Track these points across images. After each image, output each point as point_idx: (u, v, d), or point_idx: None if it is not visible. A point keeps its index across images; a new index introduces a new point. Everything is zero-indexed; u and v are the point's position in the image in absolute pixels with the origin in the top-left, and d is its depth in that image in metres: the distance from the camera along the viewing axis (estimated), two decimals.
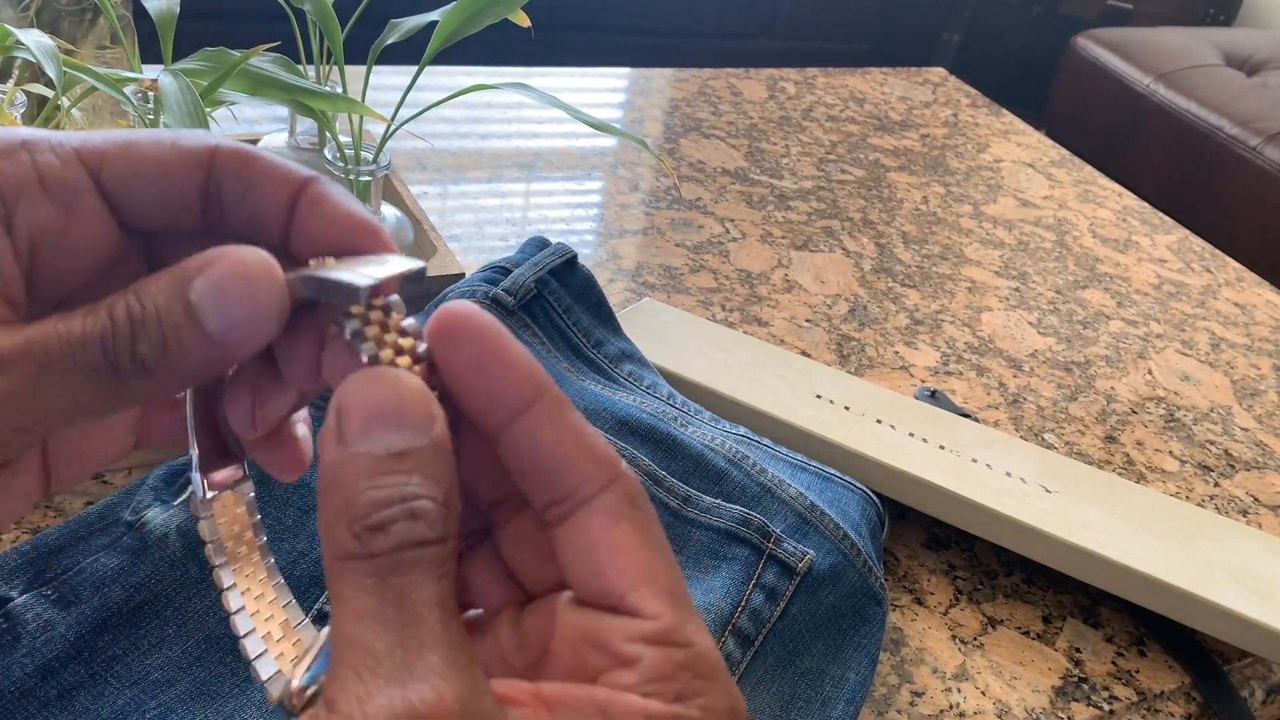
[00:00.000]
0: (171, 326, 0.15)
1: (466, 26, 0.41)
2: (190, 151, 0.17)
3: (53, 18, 0.45)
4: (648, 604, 0.15)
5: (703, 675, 0.15)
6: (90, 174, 0.17)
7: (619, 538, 0.16)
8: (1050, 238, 0.71)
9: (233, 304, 0.15)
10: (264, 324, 0.15)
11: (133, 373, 0.15)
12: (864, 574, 0.36)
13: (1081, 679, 0.39)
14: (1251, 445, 0.54)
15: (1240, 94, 1.56)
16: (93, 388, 0.15)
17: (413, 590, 0.14)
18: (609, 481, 0.16)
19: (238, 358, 0.16)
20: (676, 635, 0.15)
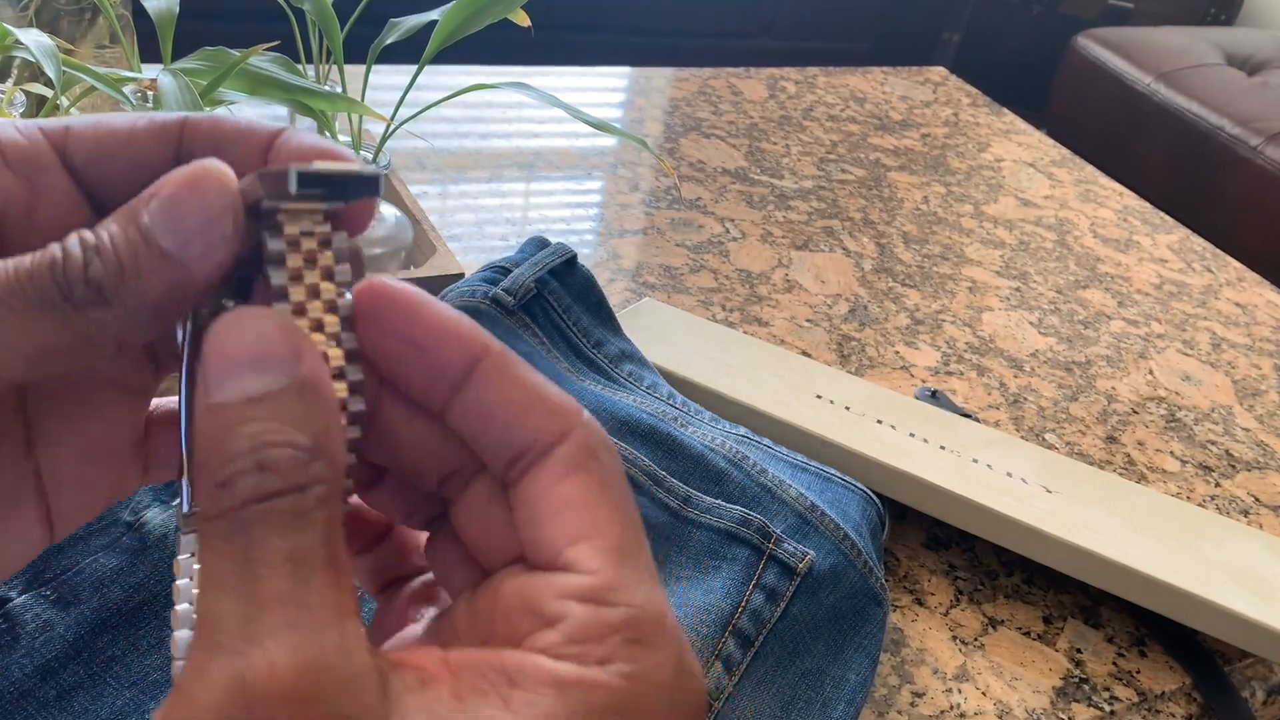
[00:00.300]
0: (125, 247, 0.14)
1: (466, 26, 0.41)
2: (160, 122, 0.16)
3: (52, 17, 0.45)
4: (586, 559, 0.14)
5: (638, 640, 0.13)
6: (55, 149, 0.16)
7: (567, 491, 0.14)
8: (1051, 237, 0.70)
9: (185, 215, 0.14)
10: (219, 227, 0.14)
11: (88, 300, 0.14)
12: (864, 574, 0.36)
13: (1082, 679, 0.39)
14: (1253, 445, 0.54)
15: (1241, 94, 1.56)
16: (47, 322, 0.14)
17: (256, 548, 0.13)
18: (564, 433, 0.15)
19: (199, 276, 0.15)
20: (611, 593, 0.14)
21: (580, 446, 0.15)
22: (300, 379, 0.14)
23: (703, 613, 0.33)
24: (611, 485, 0.15)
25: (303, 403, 0.13)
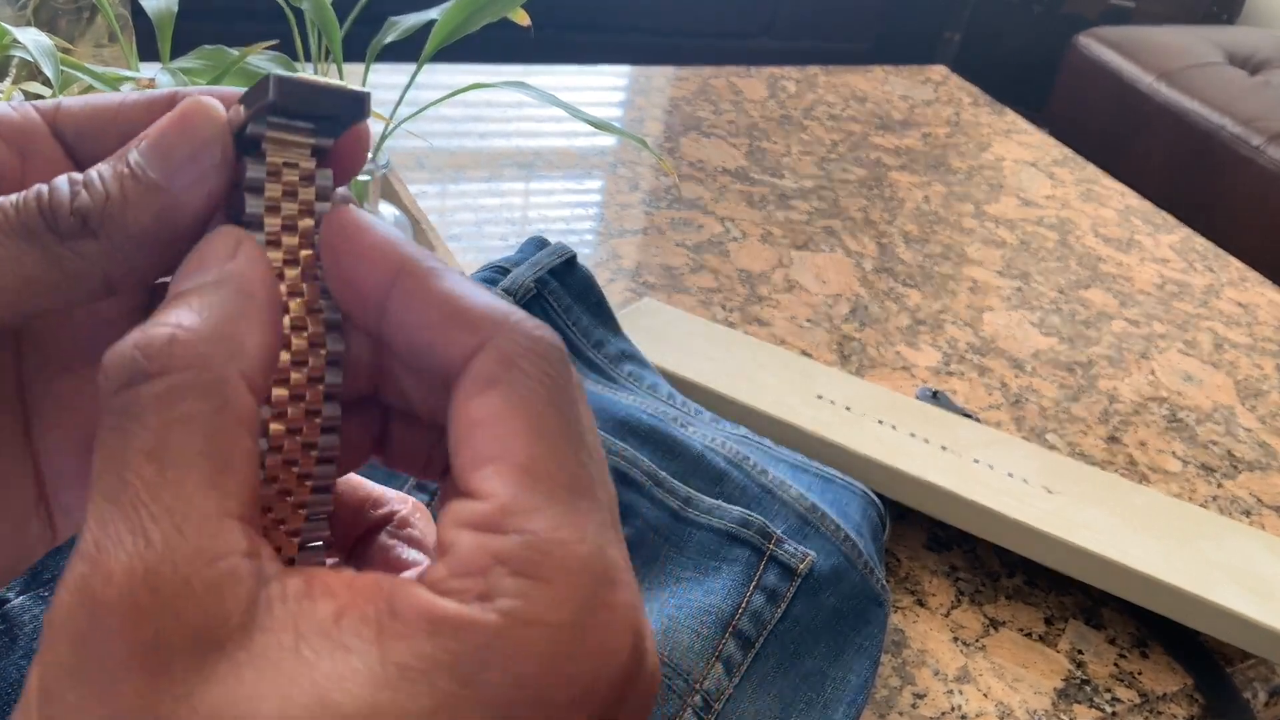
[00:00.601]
0: (113, 179, 0.14)
1: (465, 25, 0.41)
2: (151, 96, 0.16)
3: (50, 16, 0.45)
4: (486, 483, 0.12)
5: (526, 572, 0.11)
6: (47, 123, 0.16)
7: (475, 410, 0.13)
8: (1052, 237, 0.70)
9: (173, 143, 0.14)
10: (207, 155, 0.14)
11: (74, 231, 0.14)
12: (865, 575, 0.36)
13: (1084, 681, 0.39)
14: (1254, 446, 0.54)
15: (1242, 93, 1.55)
16: (32, 254, 0.13)
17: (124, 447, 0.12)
18: (479, 346, 0.13)
19: (188, 206, 0.14)
20: (505, 519, 0.12)
21: (495, 358, 0.13)
22: (222, 274, 0.13)
23: (703, 613, 0.32)
24: (531, 397, 0.13)
25: (214, 293, 0.13)
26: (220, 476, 0.12)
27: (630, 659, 0.12)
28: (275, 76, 0.14)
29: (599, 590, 0.12)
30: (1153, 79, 1.61)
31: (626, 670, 0.12)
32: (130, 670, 0.11)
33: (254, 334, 0.13)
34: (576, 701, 0.11)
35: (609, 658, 0.11)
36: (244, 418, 0.12)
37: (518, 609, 0.11)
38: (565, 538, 0.12)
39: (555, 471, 0.12)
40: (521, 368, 0.13)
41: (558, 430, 0.13)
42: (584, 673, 0.11)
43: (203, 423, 0.12)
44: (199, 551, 0.11)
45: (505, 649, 0.11)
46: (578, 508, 0.12)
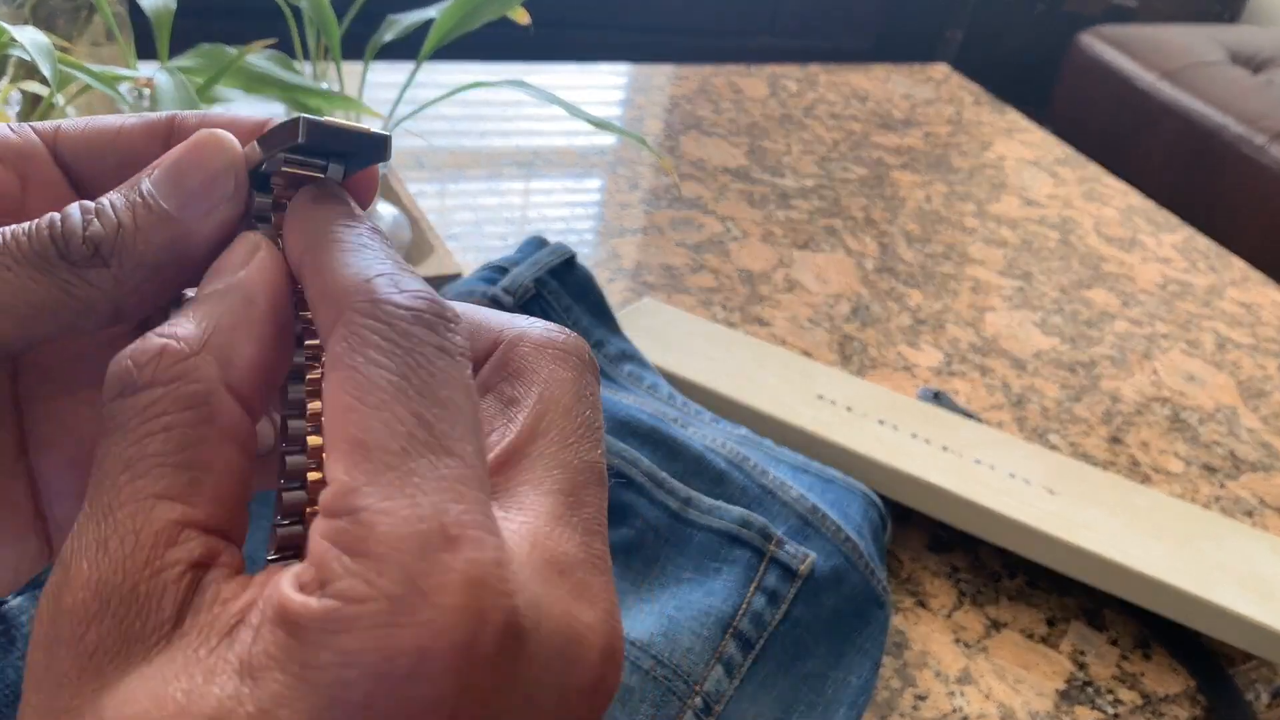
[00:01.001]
0: (125, 209, 0.14)
1: (464, 23, 0.40)
2: (149, 120, 0.16)
3: (48, 14, 0.45)
4: (331, 469, 0.12)
5: (353, 550, 0.11)
6: (46, 145, 0.16)
7: (327, 395, 0.12)
8: (1054, 236, 0.70)
9: (186, 174, 0.14)
10: (220, 186, 0.14)
11: (86, 259, 0.14)
12: (866, 576, 0.36)
13: (1086, 682, 0.39)
14: (1257, 446, 0.54)
15: (1245, 92, 1.55)
16: (44, 281, 0.14)
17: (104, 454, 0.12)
18: (331, 327, 0.13)
19: (199, 236, 0.14)
20: (339, 502, 0.11)
21: (340, 337, 0.12)
22: (230, 283, 0.13)
23: (703, 615, 0.32)
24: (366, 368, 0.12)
25: (217, 302, 0.13)
26: (189, 487, 0.12)
27: (474, 620, 0.11)
28: (305, 120, 0.14)
29: (427, 553, 0.11)
30: (1155, 78, 1.61)
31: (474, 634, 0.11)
32: (71, 675, 0.11)
33: (248, 344, 0.13)
34: (416, 673, 0.11)
35: (446, 622, 0.11)
36: (228, 429, 0.13)
37: (344, 589, 0.11)
38: (391, 506, 0.11)
39: (387, 440, 0.12)
40: (361, 340, 0.12)
41: (394, 394, 0.12)
42: (417, 640, 0.11)
43: (179, 434, 0.12)
44: (147, 560, 0.12)
45: (334, 629, 0.11)
46: (413, 469, 0.11)
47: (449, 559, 0.11)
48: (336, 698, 0.11)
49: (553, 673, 0.12)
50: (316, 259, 0.13)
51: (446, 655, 0.11)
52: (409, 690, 0.11)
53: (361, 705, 0.11)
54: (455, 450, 0.12)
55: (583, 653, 0.12)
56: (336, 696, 0.11)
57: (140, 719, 0.11)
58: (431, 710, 0.11)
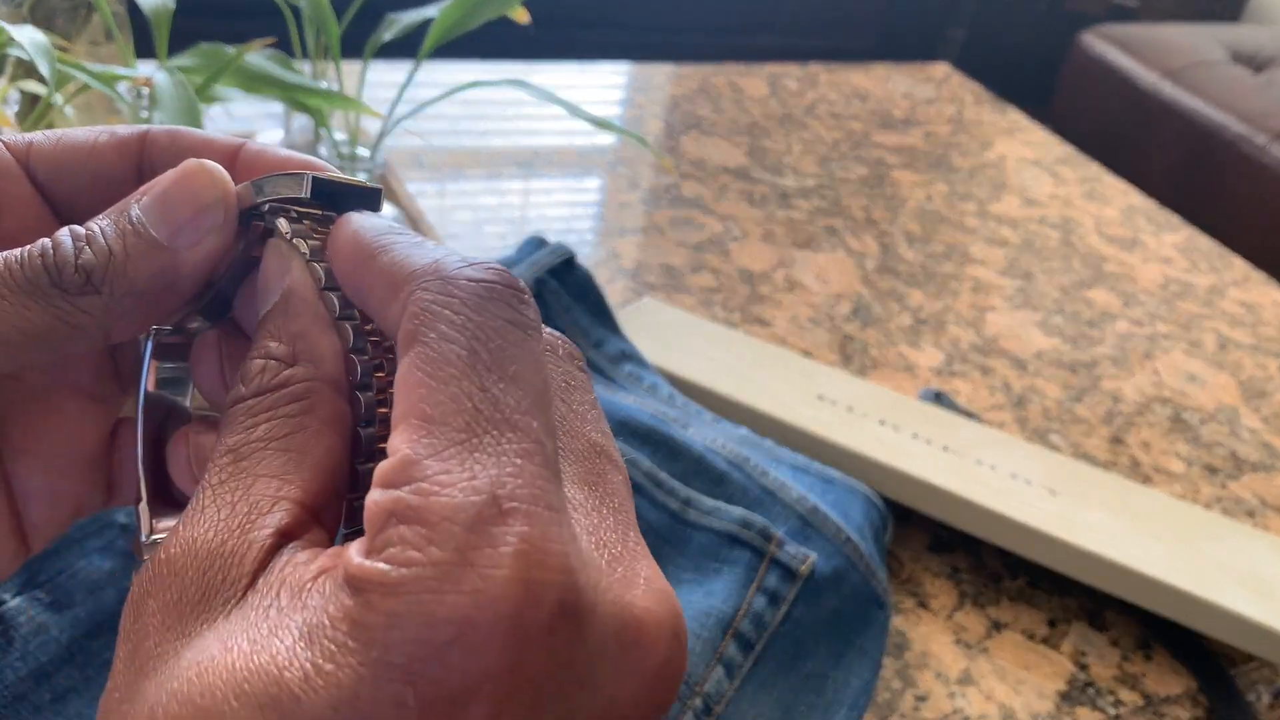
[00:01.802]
0: (115, 237, 0.15)
1: (464, 22, 0.40)
2: (121, 135, 0.16)
3: (47, 14, 0.45)
4: (394, 442, 0.12)
5: (409, 518, 0.11)
6: (18, 161, 0.16)
7: (400, 372, 0.13)
8: (1055, 236, 0.70)
9: (176, 204, 0.15)
10: (210, 217, 0.15)
11: (78, 288, 0.14)
12: (867, 577, 0.36)
13: (1087, 683, 0.39)
14: (1258, 446, 0.54)
15: (1247, 91, 1.55)
16: (36, 309, 0.14)
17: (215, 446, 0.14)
18: (400, 311, 0.13)
19: (188, 266, 0.15)
20: (401, 474, 0.12)
21: (411, 316, 0.13)
22: (284, 293, 0.15)
23: (703, 616, 0.32)
24: (438, 343, 0.12)
25: (283, 316, 0.14)
26: (288, 466, 0.13)
27: (524, 593, 0.11)
28: (311, 177, 0.15)
29: (479, 524, 0.11)
30: (1156, 77, 1.61)
31: (524, 609, 0.11)
32: (154, 626, 0.12)
33: (324, 338, 0.14)
34: (460, 642, 0.10)
35: (493, 594, 0.11)
36: (329, 419, 0.14)
37: (395, 554, 0.11)
38: (450, 478, 0.11)
39: (454, 414, 0.12)
40: (432, 315, 0.13)
41: (463, 369, 0.12)
42: (460, 610, 0.11)
43: (281, 423, 0.13)
44: (240, 525, 0.13)
45: (383, 592, 0.11)
46: (476, 444, 0.12)
47: (500, 531, 0.11)
48: (380, 659, 0.11)
49: (611, 658, 0.12)
50: (378, 256, 0.14)
51: (493, 627, 0.11)
52: (452, 659, 0.10)
53: (403, 670, 0.11)
54: (521, 425, 0.12)
55: (642, 638, 0.12)
56: (380, 659, 0.11)
57: (207, 666, 0.11)
58: (477, 683, 0.11)
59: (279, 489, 0.13)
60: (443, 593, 0.11)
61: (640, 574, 0.13)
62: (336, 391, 0.14)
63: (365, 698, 0.11)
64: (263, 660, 0.11)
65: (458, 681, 0.11)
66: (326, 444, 0.13)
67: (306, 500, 0.13)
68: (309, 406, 0.14)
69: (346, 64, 0.52)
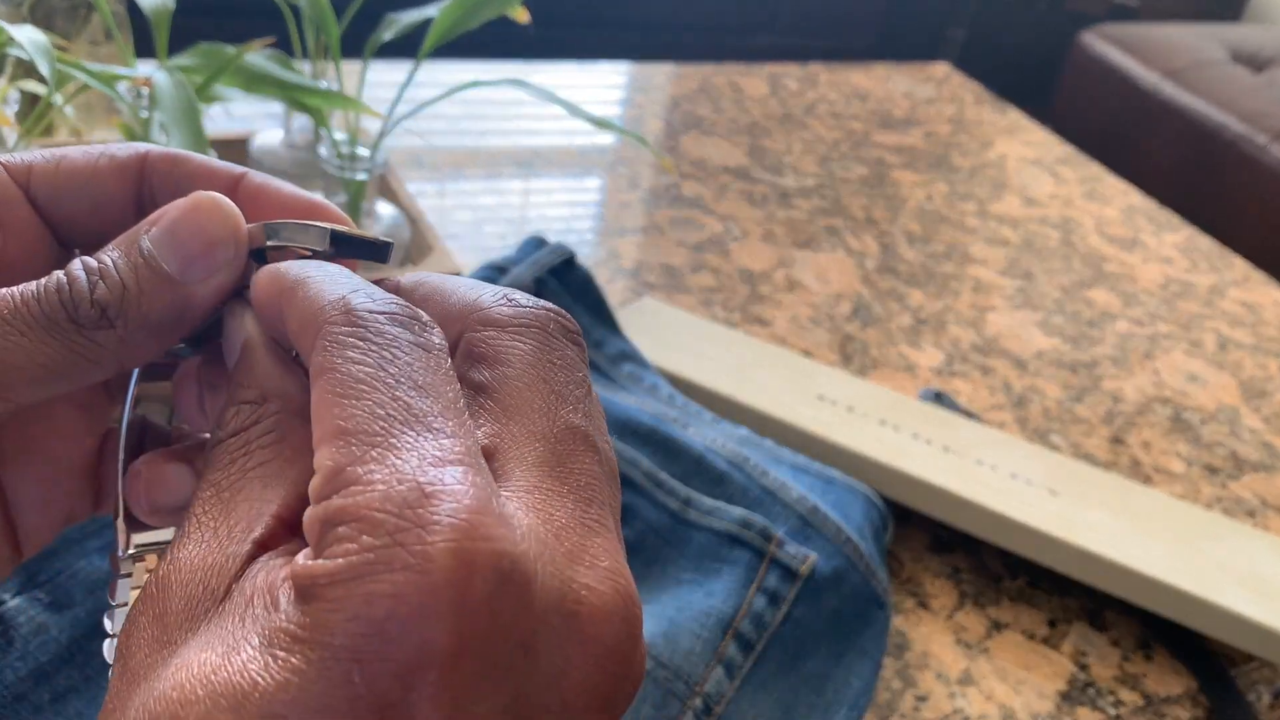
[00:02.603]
0: (128, 270, 0.15)
1: (463, 22, 0.40)
2: (120, 158, 0.17)
3: (47, 14, 0.45)
4: (318, 459, 0.13)
5: (339, 520, 0.12)
6: (19, 186, 0.16)
7: (314, 400, 0.13)
8: (1056, 236, 0.70)
9: (187, 238, 0.15)
10: (221, 252, 0.15)
11: (93, 322, 0.15)
12: (867, 577, 0.36)
13: (1087, 683, 0.39)
14: (1259, 446, 0.54)
15: (1247, 91, 1.55)
16: (54, 344, 0.15)
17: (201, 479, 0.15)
18: (312, 343, 0.14)
19: (199, 299, 0.15)
20: (327, 485, 0.12)
21: (320, 347, 0.13)
22: (241, 344, 0.15)
23: (703, 616, 0.32)
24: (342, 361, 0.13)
25: (248, 362, 0.15)
26: (267, 491, 0.14)
27: (460, 564, 0.11)
28: (332, 231, 0.16)
29: (406, 509, 0.11)
30: (1157, 77, 1.61)
31: (463, 579, 0.11)
32: (145, 640, 0.13)
33: (286, 379, 0.15)
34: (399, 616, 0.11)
35: (428, 568, 0.11)
36: (301, 444, 0.14)
37: (333, 550, 0.12)
38: (373, 477, 0.12)
39: (368, 422, 0.12)
40: (341, 344, 0.13)
41: (373, 385, 0.13)
42: (396, 587, 0.11)
43: (259, 455, 0.14)
44: (218, 544, 0.13)
45: (322, 583, 0.11)
46: (394, 445, 0.12)
47: (428, 512, 0.11)
48: (324, 643, 0.11)
49: (555, 629, 0.12)
50: (293, 295, 0.14)
51: (430, 598, 0.11)
52: (391, 632, 0.11)
53: (347, 650, 0.11)
54: (435, 425, 0.12)
55: (592, 616, 0.12)
56: (324, 642, 0.11)
57: (183, 669, 0.12)
58: (420, 654, 0.11)
59: (258, 508, 0.14)
60: (377, 574, 0.11)
61: (589, 552, 0.13)
62: (305, 421, 0.14)
63: (315, 679, 0.11)
64: (230, 658, 0.12)
65: (401, 654, 0.11)
66: (300, 466, 0.14)
67: (285, 515, 0.13)
68: (281, 437, 0.14)
69: (346, 64, 0.52)
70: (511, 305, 0.15)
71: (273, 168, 0.49)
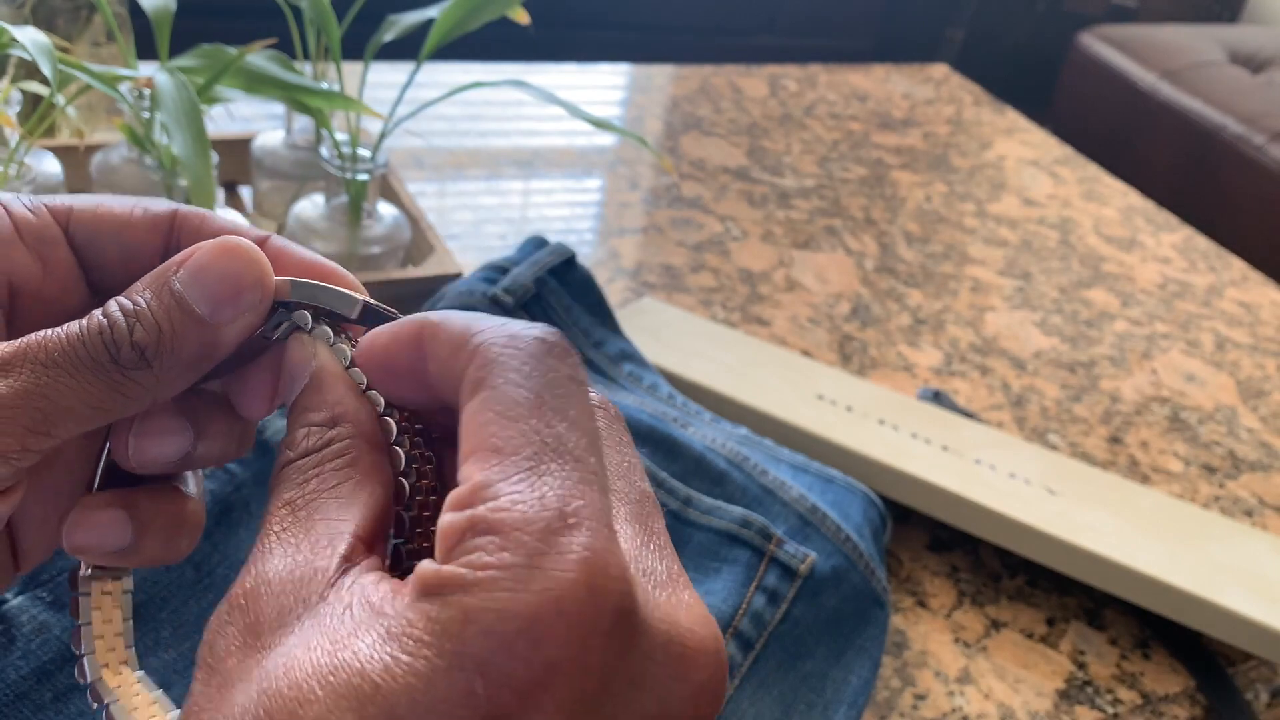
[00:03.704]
0: (162, 312, 0.16)
1: (464, 23, 0.40)
2: (153, 211, 0.18)
3: (48, 15, 0.45)
4: (465, 471, 0.14)
5: (483, 530, 0.12)
6: (59, 225, 0.17)
7: (466, 413, 0.14)
8: (1054, 236, 0.70)
9: (216, 281, 0.16)
10: (250, 296, 0.16)
11: (133, 363, 0.16)
12: (866, 576, 0.36)
13: (1085, 682, 0.39)
14: (1256, 446, 0.54)
15: (1245, 91, 1.55)
16: (97, 383, 0.16)
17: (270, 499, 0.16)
18: (467, 361, 0.15)
19: (230, 340, 0.17)
20: (475, 496, 0.13)
21: (478, 364, 0.14)
22: (313, 372, 0.16)
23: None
24: (504, 386, 0.14)
25: (319, 389, 0.16)
26: (342, 511, 0.15)
27: (590, 594, 0.12)
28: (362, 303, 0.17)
29: (548, 534, 0.12)
30: (1155, 78, 1.61)
31: (590, 608, 0.12)
32: (235, 648, 0.14)
33: (357, 406, 0.16)
34: (530, 635, 0.12)
35: (561, 593, 0.12)
36: (369, 469, 0.15)
37: (471, 559, 0.12)
38: (520, 496, 0.13)
39: (522, 445, 0.13)
40: (499, 363, 0.14)
41: (529, 408, 0.14)
42: (531, 606, 0.12)
43: (332, 477, 0.15)
44: (303, 559, 0.14)
45: (458, 591, 0.12)
46: (542, 470, 0.13)
47: (567, 541, 0.12)
48: (454, 650, 0.12)
49: (661, 666, 0.13)
50: (438, 327, 0.15)
51: (559, 623, 0.12)
52: (520, 650, 0.12)
53: (475, 660, 0.12)
54: (580, 459, 0.14)
55: (687, 651, 0.13)
56: (454, 650, 0.12)
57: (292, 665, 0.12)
58: (543, 674, 0.12)
59: (337, 527, 0.15)
60: (515, 591, 0.12)
61: (685, 599, 0.14)
62: (374, 448, 0.16)
63: (439, 685, 0.12)
64: (345, 656, 0.12)
65: (525, 672, 0.12)
66: (370, 489, 0.15)
67: (362, 535, 0.15)
68: (352, 460, 0.15)
69: (347, 65, 0.52)
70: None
71: (274, 168, 0.49)
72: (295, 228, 0.46)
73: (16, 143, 0.37)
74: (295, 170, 0.48)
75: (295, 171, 0.48)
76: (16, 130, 0.37)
